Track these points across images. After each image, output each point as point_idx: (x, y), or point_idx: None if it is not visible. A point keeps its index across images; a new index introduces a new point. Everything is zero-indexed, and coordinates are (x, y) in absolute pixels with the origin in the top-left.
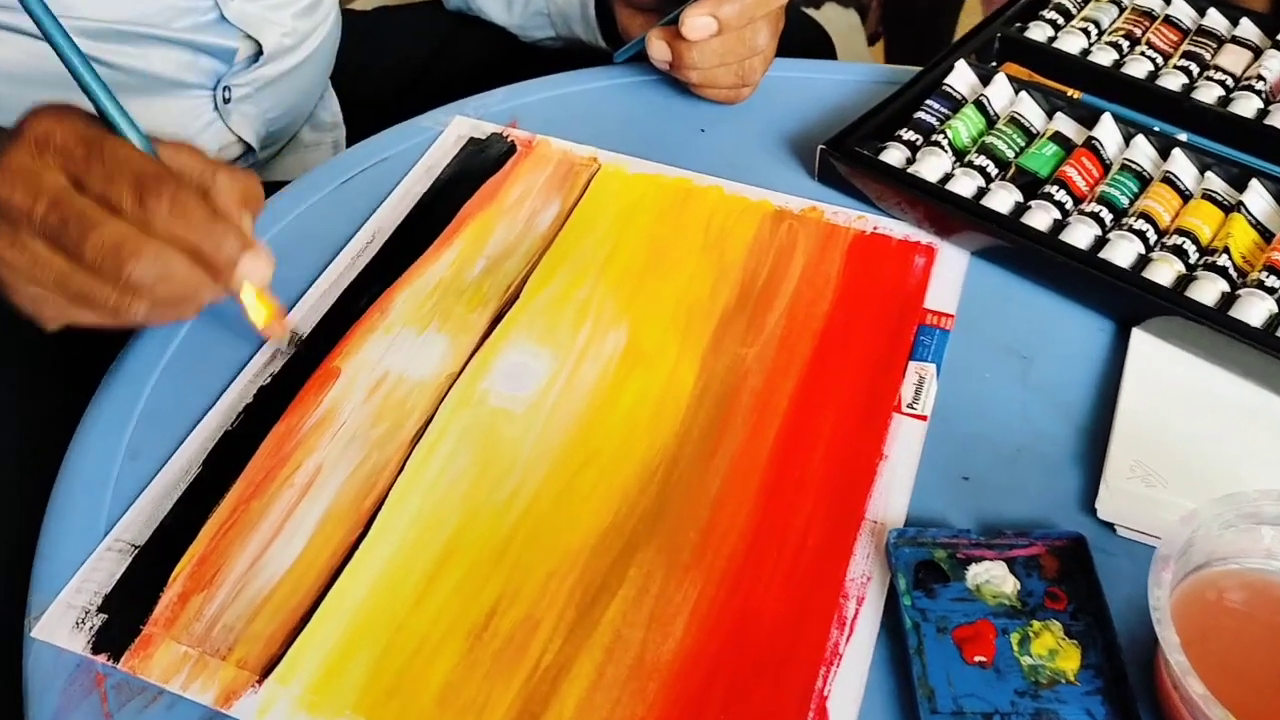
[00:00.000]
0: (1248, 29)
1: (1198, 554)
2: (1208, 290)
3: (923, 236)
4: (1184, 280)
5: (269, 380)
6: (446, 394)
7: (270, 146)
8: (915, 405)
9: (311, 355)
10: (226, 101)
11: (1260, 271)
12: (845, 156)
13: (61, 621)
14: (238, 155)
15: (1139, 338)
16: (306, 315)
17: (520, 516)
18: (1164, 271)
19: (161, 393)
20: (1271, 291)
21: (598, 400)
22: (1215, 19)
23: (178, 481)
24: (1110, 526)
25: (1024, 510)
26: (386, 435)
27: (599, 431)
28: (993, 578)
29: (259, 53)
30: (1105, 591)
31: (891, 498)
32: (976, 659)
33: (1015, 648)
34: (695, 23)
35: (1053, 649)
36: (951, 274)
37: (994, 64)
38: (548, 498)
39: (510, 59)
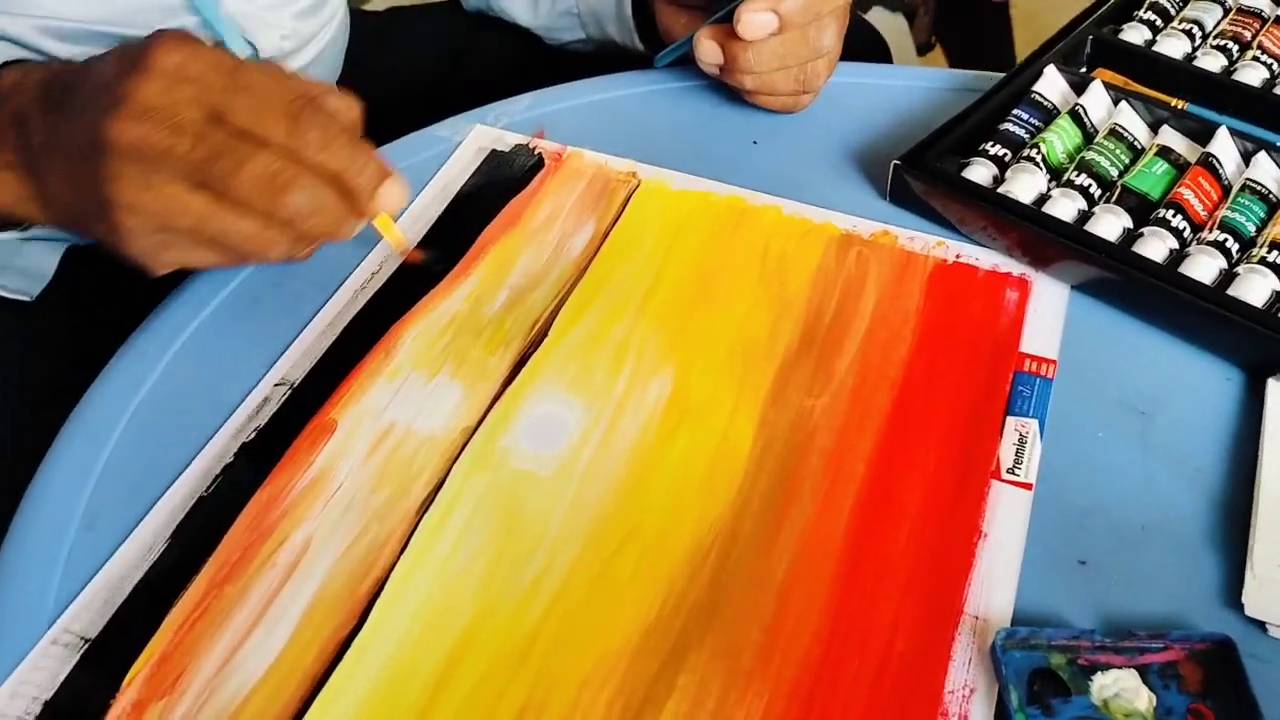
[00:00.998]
0: None
1: None
2: None
3: (1015, 267)
4: None
5: (253, 435)
6: (461, 453)
7: None
8: (1017, 471)
9: (304, 405)
10: None
11: None
12: (923, 173)
13: (9, 707)
14: None
15: (1277, 390)
16: (299, 360)
17: (548, 608)
18: None
19: (128, 444)
20: None
21: (639, 462)
22: None
23: (140, 559)
24: (1261, 625)
25: (1155, 604)
26: (389, 503)
27: (641, 501)
28: (1124, 690)
29: (255, 56)
30: (1262, 707)
31: (995, 587)
32: None
33: None
34: (754, 19)
35: None
36: (1050, 312)
37: (1085, 70)
38: (580, 584)
39: (535, 64)
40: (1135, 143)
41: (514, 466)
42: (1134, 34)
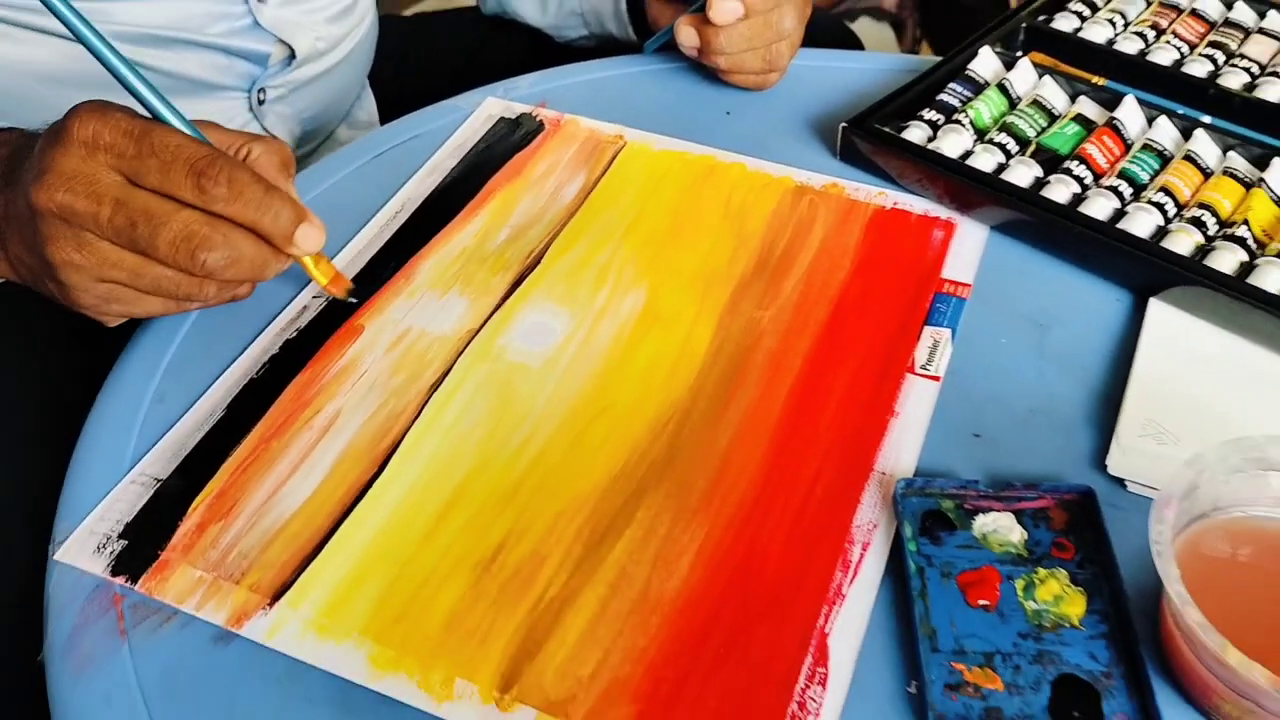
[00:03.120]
0: (1275, 21)
1: (1204, 500)
2: (1226, 259)
3: (942, 212)
4: (1202, 251)
5: (295, 334)
6: (465, 348)
7: (306, 144)
8: (929, 367)
9: (337, 314)
10: (261, 103)
11: (1278, 243)
12: (867, 134)
13: (84, 547)
14: None
15: (1156, 307)
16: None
17: (532, 463)
18: (1183, 242)
19: (189, 345)
20: None
21: (613, 357)
22: (1243, 11)
23: (202, 423)
24: (1121, 483)
25: (1034, 467)
26: (405, 383)
27: (613, 386)
28: (1000, 527)
29: (292, 56)
30: (1114, 544)
31: (901, 452)
32: (980, 603)
33: (1020, 593)
34: (723, 6)
35: (1058, 595)
36: (970, 247)
37: (1020, 54)
38: (559, 447)
39: (544, 59)
40: (1053, 110)
41: (509, 359)
42: (1064, 23)
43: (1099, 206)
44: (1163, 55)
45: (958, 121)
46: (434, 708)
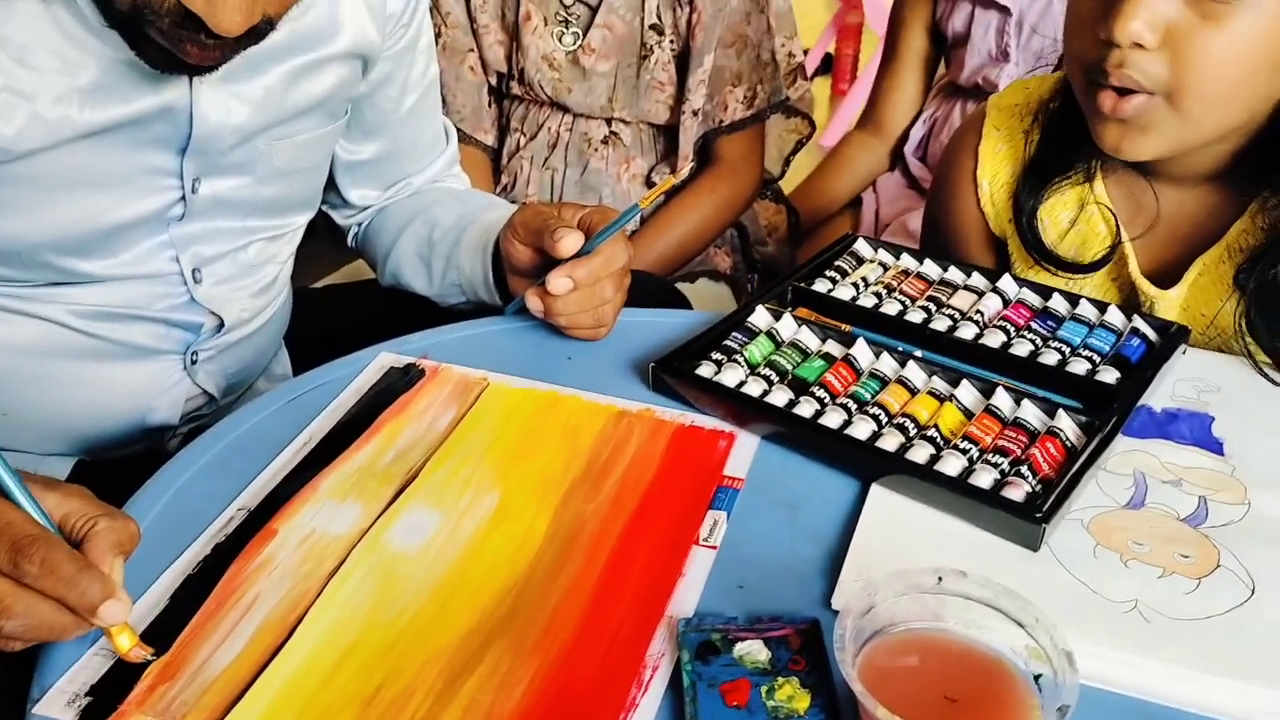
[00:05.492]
0: (977, 279)
1: (882, 616)
2: (920, 453)
3: (725, 426)
4: (904, 448)
5: (223, 539)
6: (358, 543)
7: (230, 395)
8: (709, 539)
9: (257, 521)
10: (194, 363)
11: (959, 440)
12: (671, 371)
13: (56, 702)
14: (202, 404)
15: (875, 489)
16: (257, 491)
17: (406, 624)
18: (891, 441)
19: (141, 549)
20: (964, 453)
21: (472, 545)
22: (954, 273)
23: (151, 610)
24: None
25: (780, 606)
26: (310, 572)
27: (471, 566)
28: (752, 650)
29: (221, 325)
30: (832, 658)
31: (686, 600)
32: (734, 704)
33: (764, 695)
34: (557, 282)
35: (790, 695)
36: (745, 452)
37: (791, 309)
38: (428, 612)
39: (429, 320)
40: (807, 350)
41: (392, 550)
42: (821, 284)
43: (833, 418)
44: (891, 308)
45: (736, 360)
46: None
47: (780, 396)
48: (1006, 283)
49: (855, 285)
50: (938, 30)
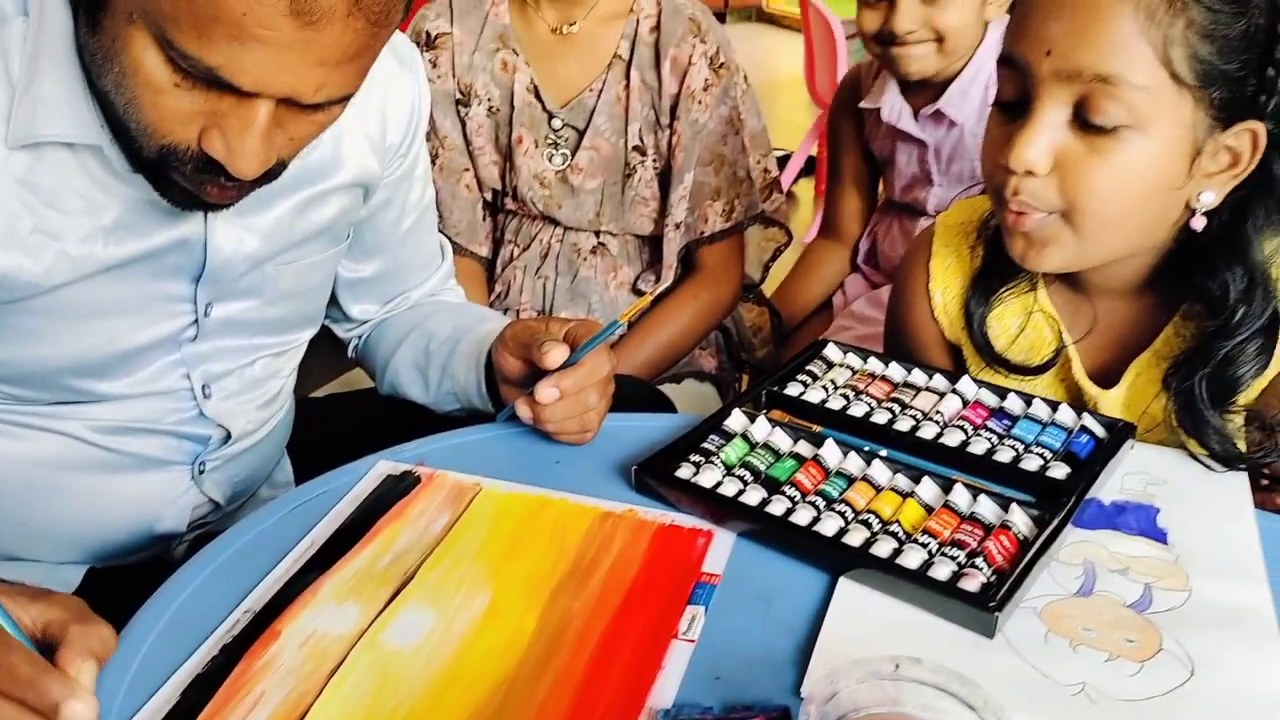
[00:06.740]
0: (938, 381)
1: (845, 703)
2: (884, 547)
3: (703, 524)
4: (868, 543)
5: (230, 640)
6: (357, 643)
7: (234, 502)
8: (688, 633)
9: (262, 623)
10: (201, 473)
11: (920, 534)
12: (652, 474)
13: None
14: (208, 511)
15: (843, 581)
16: (262, 594)
17: (404, 718)
18: (856, 537)
19: (150, 654)
20: (924, 546)
21: (465, 642)
22: (917, 375)
23: (161, 709)
24: None
25: (753, 695)
26: (312, 670)
27: (464, 663)
28: None
29: (228, 436)
30: None
31: (665, 691)
32: None
33: None
34: (544, 391)
35: None
36: (722, 549)
37: (765, 410)
38: (424, 706)
39: (425, 427)
40: (779, 450)
41: (389, 649)
42: (794, 388)
43: (803, 515)
44: (858, 409)
45: (714, 462)
46: None
47: (754, 495)
48: (965, 384)
49: (825, 388)
50: (870, 151)
